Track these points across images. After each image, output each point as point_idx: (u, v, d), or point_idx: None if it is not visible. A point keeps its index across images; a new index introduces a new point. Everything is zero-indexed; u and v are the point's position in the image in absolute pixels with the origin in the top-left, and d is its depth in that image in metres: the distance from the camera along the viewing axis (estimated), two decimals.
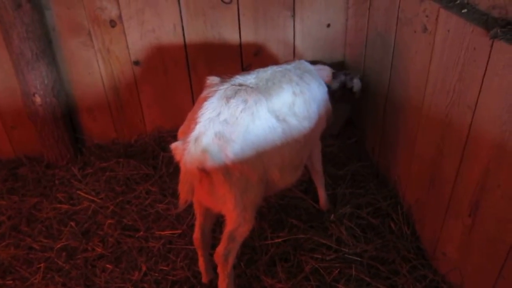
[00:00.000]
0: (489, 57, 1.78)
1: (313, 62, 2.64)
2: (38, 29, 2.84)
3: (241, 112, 1.89)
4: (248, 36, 3.27)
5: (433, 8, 2.17)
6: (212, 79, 2.07)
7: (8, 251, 2.64)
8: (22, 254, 2.61)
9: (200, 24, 3.16)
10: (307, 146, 2.29)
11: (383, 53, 2.78)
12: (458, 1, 2.11)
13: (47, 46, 2.94)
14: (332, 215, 2.64)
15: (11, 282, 2.46)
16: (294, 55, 3.41)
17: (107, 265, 2.52)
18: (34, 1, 2.78)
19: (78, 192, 3.03)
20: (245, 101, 1.92)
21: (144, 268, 2.48)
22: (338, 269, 2.36)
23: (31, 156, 3.43)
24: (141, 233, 2.71)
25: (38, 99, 3.01)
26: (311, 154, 2.55)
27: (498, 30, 1.74)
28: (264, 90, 2.06)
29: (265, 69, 2.23)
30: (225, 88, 1.97)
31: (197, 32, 3.19)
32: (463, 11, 2.01)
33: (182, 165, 1.84)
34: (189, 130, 1.86)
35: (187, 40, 3.21)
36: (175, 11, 3.08)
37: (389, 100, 2.79)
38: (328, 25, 3.34)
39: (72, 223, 2.79)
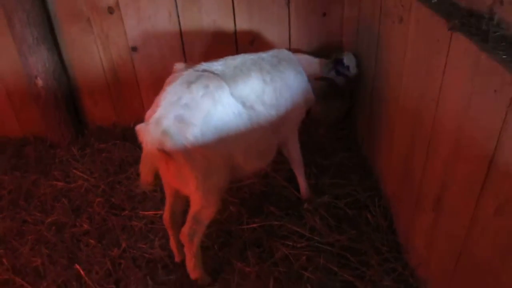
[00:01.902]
0: (448, 49, 1.74)
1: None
2: (38, 15, 3.00)
3: (201, 97, 1.95)
4: (243, 24, 3.30)
5: None
6: (178, 65, 2.13)
7: (4, 223, 2.84)
8: (16, 226, 2.80)
9: (195, 11, 3.22)
10: (277, 133, 2.32)
11: (369, 44, 2.75)
12: None
13: (47, 32, 3.10)
14: (306, 204, 2.66)
15: (2, 251, 2.65)
16: (290, 44, 3.40)
17: (91, 240, 2.66)
18: None
19: (74, 171, 3.20)
20: (206, 87, 1.97)
21: (124, 245, 2.60)
22: (307, 257, 2.39)
23: (37, 135, 3.64)
24: (126, 212, 2.84)
25: (40, 82, 3.18)
26: (287, 142, 2.58)
27: (457, 21, 1.70)
28: (229, 77, 2.10)
29: (235, 56, 2.28)
30: (188, 73, 2.03)
31: (192, 19, 3.25)
32: (433, 1, 1.96)
33: (143, 146, 1.93)
34: (153, 113, 1.94)
35: (182, 28, 3.28)
36: None
37: (374, 91, 2.76)
38: (324, 14, 3.31)
39: (65, 200, 2.96)
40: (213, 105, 1.97)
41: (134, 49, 3.33)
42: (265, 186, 2.93)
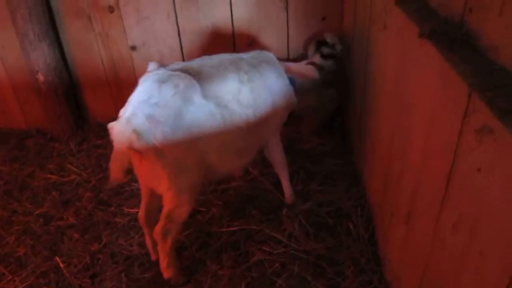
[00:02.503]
0: (418, 58, 1.69)
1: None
2: (40, 12, 3.09)
3: (172, 96, 1.96)
4: (242, 26, 3.30)
5: (390, 4, 2.07)
6: (152, 65, 2.15)
7: None
8: (6, 216, 2.89)
9: (193, 12, 3.24)
10: (254, 134, 2.30)
11: (361, 50, 2.69)
12: None
13: (49, 28, 3.19)
14: (285, 210, 2.62)
15: None
16: (288, 47, 3.38)
17: (75, 234, 2.71)
18: None
19: (69, 165, 3.27)
20: (177, 86, 1.97)
21: (104, 241, 2.64)
22: (281, 264, 2.36)
23: (40, 129, 3.74)
24: (112, 208, 2.88)
25: (41, 77, 3.27)
26: (268, 145, 2.56)
27: (427, 29, 1.63)
28: (204, 76, 2.10)
29: (212, 56, 2.28)
30: (160, 73, 2.04)
31: (190, 20, 3.27)
32: (413, 8, 1.90)
33: (114, 144, 1.95)
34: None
35: (180, 28, 3.30)
36: None
37: (364, 98, 2.70)
38: (324, 18, 3.27)
39: (56, 193, 3.03)
40: (184, 104, 1.98)
41: (133, 48, 3.38)
42: (250, 190, 2.91)
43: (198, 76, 2.09)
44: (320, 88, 2.90)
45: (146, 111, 1.92)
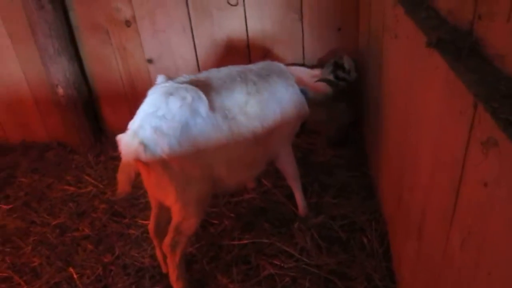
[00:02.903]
0: (427, 67, 1.63)
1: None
2: (59, 27, 3.18)
3: (179, 108, 1.96)
4: (256, 38, 3.30)
5: (401, 12, 2.03)
6: (160, 78, 2.16)
7: (15, 222, 3.00)
8: (24, 226, 2.95)
9: (208, 25, 3.27)
10: (262, 145, 2.28)
11: (375, 60, 2.64)
12: (425, 5, 1.95)
13: (68, 43, 3.27)
14: (297, 223, 2.57)
15: (8, 249, 2.79)
16: (304, 59, 3.35)
17: (89, 245, 2.74)
18: (56, 2, 3.11)
19: (86, 177, 3.32)
20: (184, 98, 1.97)
21: (117, 252, 2.65)
22: (292, 278, 2.31)
23: (60, 141, 3.83)
24: (126, 220, 2.90)
25: (60, 91, 3.36)
26: (279, 157, 2.52)
27: (434, 37, 1.58)
28: (211, 89, 2.10)
29: (221, 68, 2.29)
30: (168, 85, 2.05)
31: (205, 33, 3.30)
32: (422, 16, 1.85)
33: (121, 156, 1.97)
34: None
35: (196, 41, 3.33)
36: (184, 12, 3.22)
37: (378, 110, 2.64)
38: (339, 29, 3.23)
39: (73, 204, 3.08)
40: (191, 117, 1.98)
41: (150, 61, 3.43)
42: (263, 202, 2.87)
43: (205, 88, 2.09)
44: (331, 103, 2.86)
45: (153, 123, 1.93)
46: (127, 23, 3.29)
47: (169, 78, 2.16)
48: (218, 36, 3.30)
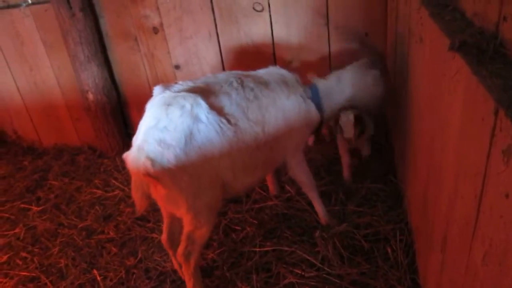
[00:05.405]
0: (450, 71, 1.56)
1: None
2: (90, 35, 3.27)
3: (179, 117, 1.95)
4: (282, 44, 3.28)
5: (425, 15, 1.96)
6: (157, 89, 2.17)
7: (45, 224, 3.09)
8: (53, 228, 3.04)
9: (234, 31, 3.28)
10: (265, 151, 2.26)
11: (402, 65, 2.56)
12: (450, 7, 1.87)
13: (98, 50, 3.36)
14: (318, 231, 2.52)
15: (37, 250, 2.89)
16: (330, 64, 3.30)
17: (113, 248, 2.79)
18: (86, 10, 3.20)
19: (113, 181, 3.40)
20: (183, 107, 1.97)
21: (140, 256, 2.69)
22: None
23: (91, 145, 3.93)
24: (150, 224, 2.93)
25: (90, 96, 3.45)
26: (289, 165, 2.50)
27: (457, 41, 1.51)
28: (209, 94, 2.10)
29: (218, 74, 2.30)
30: (165, 96, 2.05)
31: (231, 39, 3.31)
32: (446, 18, 1.78)
33: (131, 173, 1.99)
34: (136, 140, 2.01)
35: (222, 47, 3.35)
36: (210, 19, 3.25)
37: (406, 116, 2.56)
38: (366, 34, 3.17)
39: (99, 208, 3.15)
40: (193, 124, 1.97)
41: (177, 67, 3.48)
42: (286, 209, 2.84)
43: (203, 93, 2.08)
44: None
45: (156, 136, 1.93)
46: (155, 30, 3.35)
47: (166, 86, 2.16)
48: (244, 42, 3.31)
